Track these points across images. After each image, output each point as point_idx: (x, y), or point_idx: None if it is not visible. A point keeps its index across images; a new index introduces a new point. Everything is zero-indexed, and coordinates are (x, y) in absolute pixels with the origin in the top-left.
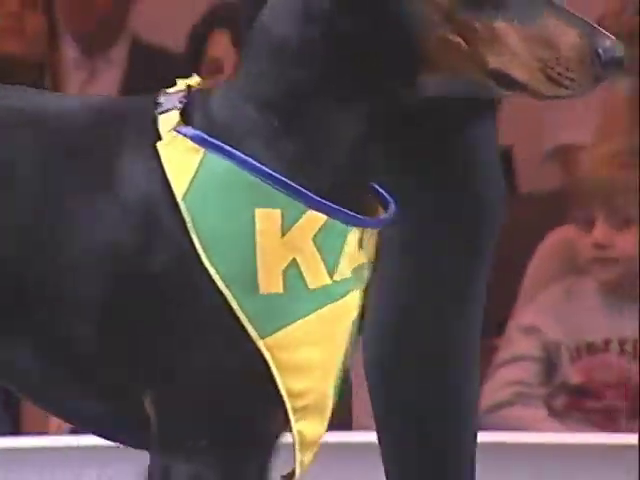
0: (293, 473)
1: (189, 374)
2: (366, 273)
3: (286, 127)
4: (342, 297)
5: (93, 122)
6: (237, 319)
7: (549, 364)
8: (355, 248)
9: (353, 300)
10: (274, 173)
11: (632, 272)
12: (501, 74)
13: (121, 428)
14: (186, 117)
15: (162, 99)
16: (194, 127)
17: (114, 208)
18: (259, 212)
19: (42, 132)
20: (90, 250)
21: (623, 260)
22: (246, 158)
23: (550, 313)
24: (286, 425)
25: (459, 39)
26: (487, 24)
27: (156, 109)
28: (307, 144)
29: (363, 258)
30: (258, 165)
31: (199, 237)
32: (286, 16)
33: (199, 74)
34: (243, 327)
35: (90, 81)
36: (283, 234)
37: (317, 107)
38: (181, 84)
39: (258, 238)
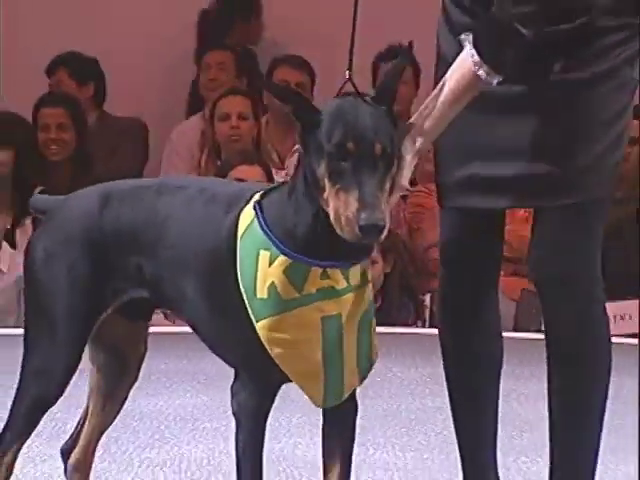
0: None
1: (238, 339)
2: (341, 291)
3: (285, 211)
4: (311, 303)
5: (231, 193)
6: (247, 310)
7: None
8: (318, 276)
9: (325, 307)
10: (270, 233)
11: None
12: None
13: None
14: (264, 196)
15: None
16: (259, 203)
17: (220, 234)
18: (261, 252)
19: (205, 197)
20: (203, 242)
21: None
22: (263, 224)
23: None
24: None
25: (325, 195)
26: (330, 190)
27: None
28: (293, 222)
29: (335, 282)
30: (266, 229)
31: (240, 261)
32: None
33: None
34: (249, 315)
35: None
36: (270, 265)
37: (295, 206)
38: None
39: (258, 267)
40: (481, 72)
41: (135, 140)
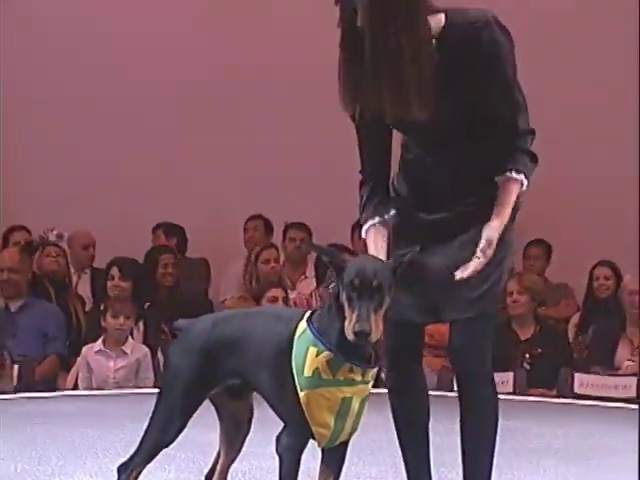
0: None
1: (290, 403)
2: (357, 382)
3: (325, 326)
4: (337, 385)
5: (289, 314)
6: (295, 384)
7: None
8: (347, 369)
9: (345, 390)
10: (319, 337)
11: None
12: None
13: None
14: (311, 315)
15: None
16: (310, 319)
17: (283, 338)
18: (310, 348)
19: (273, 317)
20: (272, 344)
21: None
22: (314, 331)
23: None
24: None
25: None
26: (347, 311)
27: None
28: (331, 330)
29: (354, 375)
30: (316, 334)
31: (294, 353)
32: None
33: None
34: (296, 387)
35: None
36: (317, 356)
37: (330, 324)
38: None
39: (307, 357)
40: (524, 183)
41: (202, 272)
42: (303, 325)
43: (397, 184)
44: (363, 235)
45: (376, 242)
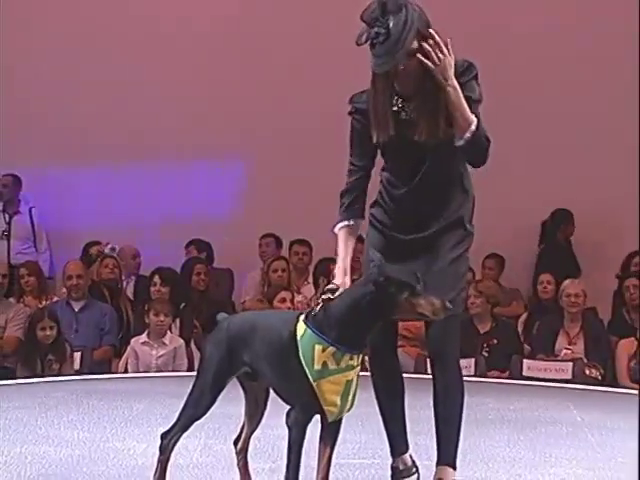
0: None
1: (298, 390)
2: (354, 366)
3: (322, 326)
4: (341, 372)
5: (290, 315)
6: (307, 375)
7: None
8: (347, 358)
9: (348, 374)
10: (322, 335)
11: None
12: (420, 313)
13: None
14: (307, 316)
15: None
16: (306, 320)
17: (284, 336)
18: (316, 346)
19: (277, 318)
20: (273, 342)
21: None
22: (315, 331)
23: None
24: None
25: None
26: (414, 300)
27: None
28: (330, 328)
29: (352, 362)
30: (318, 333)
31: (302, 350)
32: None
33: None
34: (308, 377)
35: None
36: (323, 352)
37: (328, 323)
38: None
39: (315, 353)
40: (472, 127)
41: (227, 279)
42: (302, 326)
43: (375, 211)
44: (336, 230)
45: (346, 241)
